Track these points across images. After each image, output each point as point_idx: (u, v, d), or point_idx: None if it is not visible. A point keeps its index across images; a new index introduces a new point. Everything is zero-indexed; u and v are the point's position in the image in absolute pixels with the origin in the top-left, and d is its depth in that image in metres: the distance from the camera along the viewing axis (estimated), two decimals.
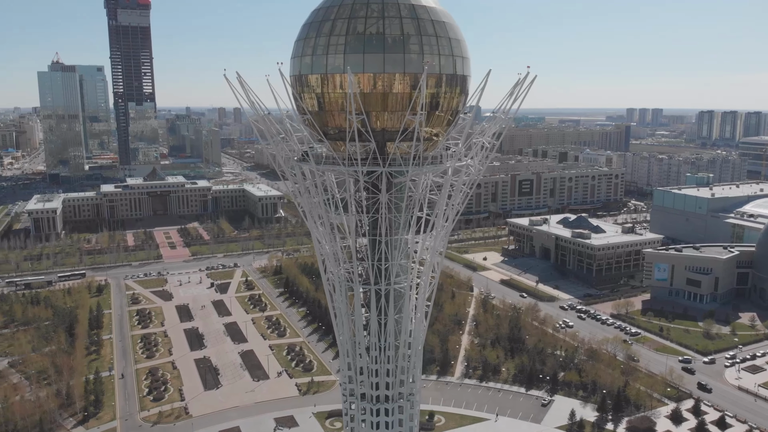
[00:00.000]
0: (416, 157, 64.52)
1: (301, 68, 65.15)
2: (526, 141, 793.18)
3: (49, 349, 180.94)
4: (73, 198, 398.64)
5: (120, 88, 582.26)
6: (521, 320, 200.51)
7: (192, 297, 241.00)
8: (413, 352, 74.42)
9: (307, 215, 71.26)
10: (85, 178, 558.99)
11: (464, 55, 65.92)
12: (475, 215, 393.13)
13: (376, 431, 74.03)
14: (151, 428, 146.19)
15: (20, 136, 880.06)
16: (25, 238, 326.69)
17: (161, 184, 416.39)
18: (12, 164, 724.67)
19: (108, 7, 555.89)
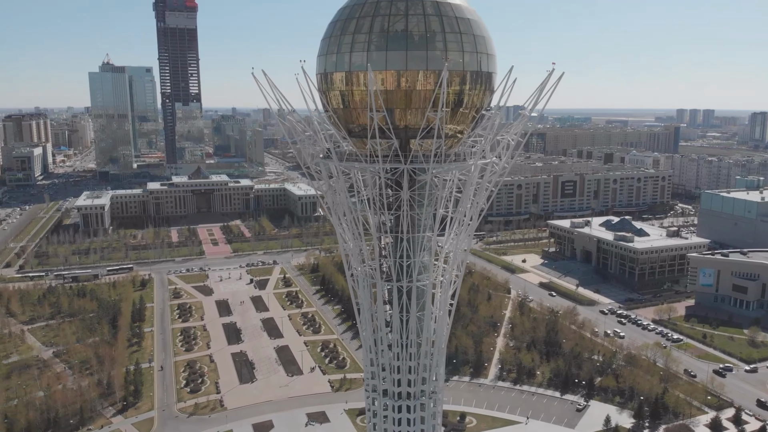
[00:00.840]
0: (438, 154, 64.32)
1: (326, 66, 65.81)
2: (570, 142, 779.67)
3: (92, 340, 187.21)
4: (120, 195, 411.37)
5: (167, 88, 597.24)
6: (559, 324, 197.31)
7: (231, 292, 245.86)
8: (436, 350, 74.25)
9: (332, 212, 71.95)
10: (133, 176, 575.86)
11: (489, 52, 65.43)
12: (515, 216, 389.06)
13: (398, 427, 74.18)
14: (187, 419, 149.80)
15: (72, 134, 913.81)
16: (74, 233, 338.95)
17: (205, 182, 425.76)
18: (64, 162, 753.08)
19: (156, 9, 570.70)
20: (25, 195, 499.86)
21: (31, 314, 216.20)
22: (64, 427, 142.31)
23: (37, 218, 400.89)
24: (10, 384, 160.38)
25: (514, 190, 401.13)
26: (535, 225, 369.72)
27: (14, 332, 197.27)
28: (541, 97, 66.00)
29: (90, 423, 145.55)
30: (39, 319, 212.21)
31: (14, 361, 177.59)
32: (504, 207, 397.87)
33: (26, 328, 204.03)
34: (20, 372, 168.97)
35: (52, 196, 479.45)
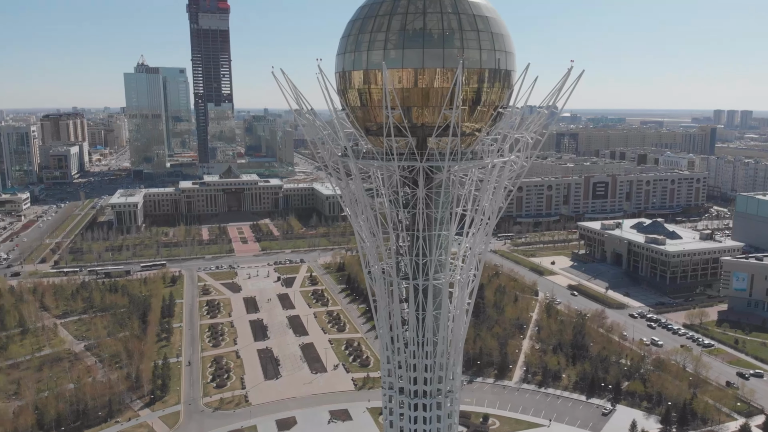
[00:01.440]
0: (454, 152, 64.14)
1: (344, 65, 66.21)
2: (603, 142, 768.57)
3: (122, 335, 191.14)
4: (153, 193, 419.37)
5: (200, 89, 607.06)
6: (586, 327, 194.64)
7: (259, 290, 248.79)
8: (453, 349, 74.01)
9: (349, 210, 72.32)
10: (167, 175, 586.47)
11: (507, 50, 65.00)
12: (545, 218, 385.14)
13: (414, 425, 74.16)
14: (212, 413, 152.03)
15: (108, 134, 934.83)
16: (108, 229, 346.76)
17: (236, 181, 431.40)
18: (100, 160, 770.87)
19: (190, 11, 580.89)
20: (62, 192, 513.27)
21: (64, 308, 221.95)
22: (93, 419, 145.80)
23: (73, 215, 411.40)
24: (41, 376, 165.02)
25: (544, 191, 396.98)
26: (565, 227, 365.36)
27: (47, 326, 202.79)
28: (560, 96, 65.10)
29: (118, 415, 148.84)
30: (72, 314, 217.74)
31: (47, 353, 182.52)
32: (533, 208, 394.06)
33: (59, 321, 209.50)
34: (52, 365, 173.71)
35: (88, 194, 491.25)
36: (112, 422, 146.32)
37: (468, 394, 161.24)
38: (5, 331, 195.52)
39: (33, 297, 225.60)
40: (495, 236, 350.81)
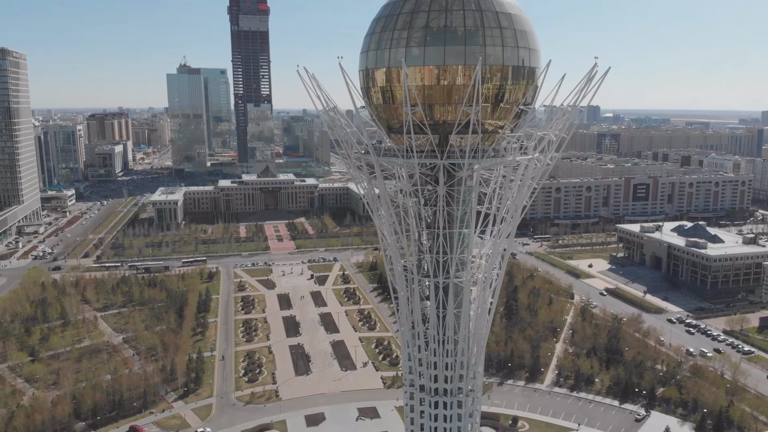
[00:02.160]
0: (475, 149, 63.90)
1: (367, 63, 66.72)
2: (646, 143, 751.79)
3: (159, 328, 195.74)
4: (193, 191, 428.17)
5: (240, 89, 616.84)
6: (622, 331, 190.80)
7: (293, 287, 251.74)
8: (474, 348, 73.64)
9: (371, 207, 72.73)
10: (207, 174, 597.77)
11: (531, 47, 64.49)
12: (583, 220, 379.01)
13: (434, 423, 74.11)
14: (243, 407, 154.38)
15: (152, 133, 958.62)
16: (149, 226, 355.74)
17: (272, 180, 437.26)
18: (143, 159, 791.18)
19: (231, 13, 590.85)
20: (106, 190, 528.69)
21: (104, 302, 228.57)
22: (128, 410, 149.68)
23: (116, 212, 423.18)
24: (80, 367, 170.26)
25: (583, 192, 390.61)
26: (604, 229, 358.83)
27: (88, 318, 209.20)
28: (582, 94, 64.20)
29: (152, 407, 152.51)
30: (112, 307, 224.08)
31: (86, 345, 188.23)
32: (572, 210, 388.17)
33: (99, 314, 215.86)
34: (91, 356, 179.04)
35: (131, 192, 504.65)
36: (147, 413, 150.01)
37: (498, 396, 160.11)
38: (47, 322, 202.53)
39: (75, 290, 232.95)
40: (531, 238, 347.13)
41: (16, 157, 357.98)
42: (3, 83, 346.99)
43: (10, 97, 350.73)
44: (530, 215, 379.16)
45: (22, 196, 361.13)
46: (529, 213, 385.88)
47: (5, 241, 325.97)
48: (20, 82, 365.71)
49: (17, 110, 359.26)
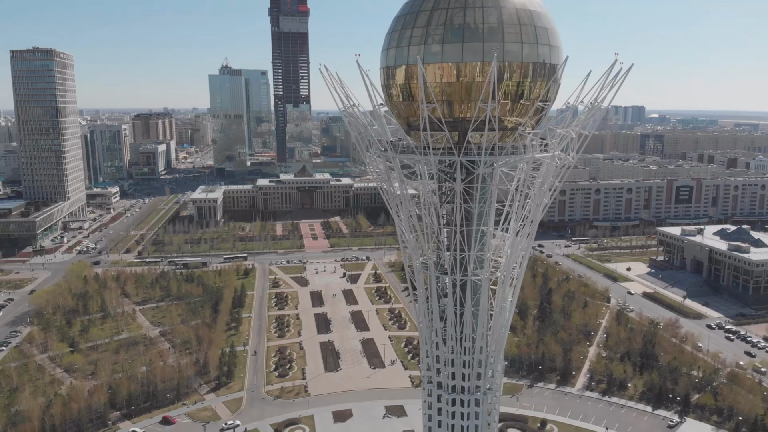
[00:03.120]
0: (492, 146, 63.67)
1: (387, 60, 67.21)
2: (691, 145, 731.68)
3: (195, 323, 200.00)
4: (232, 190, 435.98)
5: (280, 90, 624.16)
6: (658, 336, 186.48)
7: (325, 285, 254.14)
8: (493, 346, 73.30)
9: (390, 204, 73.14)
10: (247, 173, 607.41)
11: (552, 44, 63.93)
12: (623, 222, 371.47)
13: (451, 420, 74.08)
14: (273, 401, 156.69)
15: (195, 133, 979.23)
16: (189, 223, 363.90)
17: (309, 180, 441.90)
18: (186, 158, 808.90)
19: (271, 14, 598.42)
20: (149, 188, 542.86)
21: (143, 296, 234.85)
22: (162, 401, 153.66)
23: (157, 209, 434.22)
24: (118, 358, 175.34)
25: (624, 193, 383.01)
26: (645, 232, 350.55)
27: (127, 311, 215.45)
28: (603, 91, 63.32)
29: (185, 398, 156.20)
30: (150, 301, 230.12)
31: (124, 337, 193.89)
32: (612, 212, 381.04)
33: (138, 308, 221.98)
34: (128, 348, 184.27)
35: (173, 190, 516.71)
36: (179, 404, 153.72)
37: (527, 398, 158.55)
38: (88, 315, 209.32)
39: (116, 284, 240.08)
40: (569, 240, 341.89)
41: (62, 155, 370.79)
42: (50, 83, 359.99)
43: (57, 97, 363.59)
44: (569, 217, 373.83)
45: (68, 193, 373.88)
46: (567, 215, 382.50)
47: (51, 236, 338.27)
48: (67, 82, 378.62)
49: (64, 109, 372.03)
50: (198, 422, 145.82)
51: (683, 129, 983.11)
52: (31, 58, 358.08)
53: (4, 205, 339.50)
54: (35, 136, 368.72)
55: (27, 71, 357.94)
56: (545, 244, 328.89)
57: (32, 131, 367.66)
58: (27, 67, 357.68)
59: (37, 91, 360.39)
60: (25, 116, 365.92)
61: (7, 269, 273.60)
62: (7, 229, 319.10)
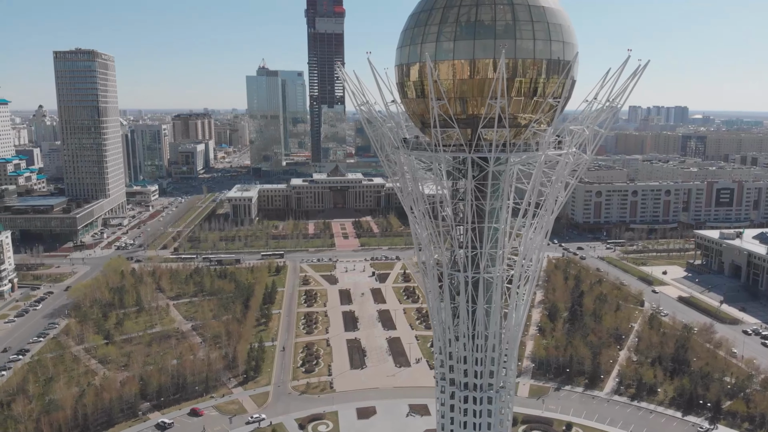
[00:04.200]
0: (502, 143, 63.67)
1: (401, 58, 67.84)
2: (734, 146, 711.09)
3: (226, 318, 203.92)
4: (267, 189, 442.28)
5: (315, 91, 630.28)
6: (691, 341, 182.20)
7: (354, 283, 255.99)
8: (506, 344, 73.14)
9: (405, 201, 73.70)
10: (282, 173, 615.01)
11: (565, 40, 63.59)
12: (661, 225, 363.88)
13: (464, 418, 74.21)
14: (298, 396, 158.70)
15: (233, 133, 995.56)
16: (224, 221, 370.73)
17: (341, 179, 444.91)
18: (224, 158, 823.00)
19: (308, 16, 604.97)
20: (187, 186, 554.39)
21: (177, 291, 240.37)
22: (191, 393, 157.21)
23: (195, 207, 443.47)
24: (150, 351, 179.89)
25: (662, 195, 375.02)
26: (683, 235, 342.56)
27: (161, 306, 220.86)
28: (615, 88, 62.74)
29: (213, 391, 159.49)
30: (184, 296, 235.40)
31: (157, 331, 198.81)
32: (649, 214, 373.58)
33: (172, 303, 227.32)
34: (161, 341, 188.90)
35: (210, 188, 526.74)
36: (208, 397, 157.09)
37: (553, 401, 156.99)
38: (123, 308, 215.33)
39: (151, 279, 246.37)
40: (604, 242, 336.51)
41: (103, 154, 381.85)
42: (92, 83, 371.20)
43: (98, 97, 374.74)
44: (605, 219, 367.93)
45: (108, 190, 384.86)
46: (603, 216, 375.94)
47: (91, 232, 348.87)
48: (108, 82, 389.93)
49: (105, 109, 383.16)
50: (225, 415, 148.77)
51: (727, 130, 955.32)
52: (74, 59, 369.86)
53: (47, 202, 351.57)
54: (77, 135, 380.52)
55: (69, 72, 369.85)
56: (579, 246, 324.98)
57: (74, 130, 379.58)
58: (70, 67, 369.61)
59: (79, 91, 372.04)
60: (68, 116, 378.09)
61: (48, 263, 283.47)
62: (49, 225, 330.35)
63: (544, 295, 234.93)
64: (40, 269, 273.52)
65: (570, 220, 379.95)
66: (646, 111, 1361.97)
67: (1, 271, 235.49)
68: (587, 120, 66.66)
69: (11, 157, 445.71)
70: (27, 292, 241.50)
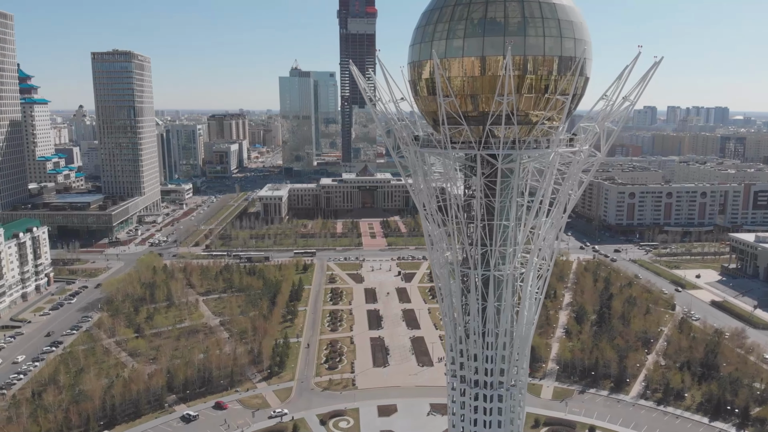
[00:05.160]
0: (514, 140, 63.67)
1: (413, 56, 68.40)
2: None
3: (252, 314, 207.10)
4: (297, 188, 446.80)
5: (346, 92, 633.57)
6: (721, 345, 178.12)
7: (379, 282, 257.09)
8: (517, 342, 72.99)
9: (417, 198, 74.19)
10: (313, 173, 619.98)
11: (577, 37, 63.26)
12: (696, 228, 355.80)
13: (474, 414, 74.33)
14: (321, 392, 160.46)
15: (267, 134, 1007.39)
16: (255, 219, 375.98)
17: (370, 179, 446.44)
18: (257, 158, 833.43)
19: (340, 17, 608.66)
20: (221, 185, 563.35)
21: (207, 287, 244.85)
22: (216, 386, 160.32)
23: (227, 206, 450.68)
24: (178, 345, 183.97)
25: (697, 197, 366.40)
26: (718, 238, 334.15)
27: (191, 301, 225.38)
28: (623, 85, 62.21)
29: (238, 385, 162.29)
30: (213, 292, 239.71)
31: (186, 325, 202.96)
32: (684, 216, 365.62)
33: (202, 298, 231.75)
34: (189, 335, 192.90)
35: (242, 187, 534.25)
36: (232, 390, 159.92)
37: (577, 404, 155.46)
38: (154, 303, 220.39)
39: (182, 275, 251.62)
40: (637, 245, 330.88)
41: (138, 153, 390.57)
42: (128, 84, 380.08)
43: (134, 97, 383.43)
44: (638, 221, 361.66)
45: (143, 188, 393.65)
46: (636, 218, 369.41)
47: (126, 229, 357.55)
48: (144, 83, 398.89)
49: (141, 109, 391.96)
50: (248, 409, 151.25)
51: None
52: (111, 60, 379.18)
53: (84, 199, 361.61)
54: (114, 135, 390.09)
55: (107, 72, 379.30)
56: (610, 248, 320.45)
57: (111, 130, 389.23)
58: (107, 68, 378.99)
59: (116, 91, 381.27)
60: (105, 115, 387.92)
61: (84, 259, 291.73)
62: (85, 222, 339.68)
63: (572, 297, 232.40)
64: (76, 264, 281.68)
65: (602, 221, 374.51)
66: (685, 111, 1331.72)
67: (38, 265, 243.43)
68: (599, 117, 66.10)
69: (51, 155, 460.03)
70: (62, 286, 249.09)
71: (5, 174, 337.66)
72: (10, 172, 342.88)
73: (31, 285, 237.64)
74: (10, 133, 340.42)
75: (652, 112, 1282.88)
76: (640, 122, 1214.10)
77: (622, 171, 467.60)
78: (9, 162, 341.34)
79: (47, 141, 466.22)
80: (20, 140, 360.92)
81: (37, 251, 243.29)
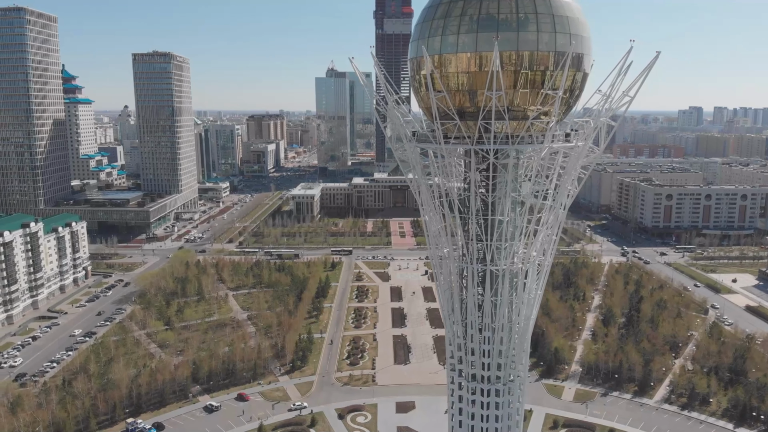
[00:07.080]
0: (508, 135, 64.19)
1: (412, 52, 69.64)
2: None
3: (279, 309, 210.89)
4: (329, 187, 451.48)
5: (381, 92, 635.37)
6: (752, 351, 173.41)
7: (406, 281, 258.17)
8: (515, 337, 73.37)
9: (417, 194, 75.26)
10: (347, 172, 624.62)
11: (573, 33, 63.26)
12: (736, 231, 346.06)
13: (472, 408, 74.98)
14: (341, 387, 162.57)
15: (304, 134, 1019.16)
16: (287, 218, 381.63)
17: (400, 179, 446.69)
18: (294, 158, 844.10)
19: (376, 17, 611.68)
20: (257, 184, 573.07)
21: (237, 282, 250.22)
22: (239, 379, 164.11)
23: (262, 204, 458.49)
24: (206, 338, 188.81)
25: (737, 200, 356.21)
26: (758, 242, 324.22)
27: (221, 296, 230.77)
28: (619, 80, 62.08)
29: (261, 378, 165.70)
30: (242, 287, 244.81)
31: (214, 319, 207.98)
32: (723, 219, 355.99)
33: (231, 293, 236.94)
34: (216, 329, 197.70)
35: (278, 186, 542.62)
36: (255, 383, 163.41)
37: (599, 406, 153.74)
38: (185, 297, 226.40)
39: (214, 271, 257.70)
40: (673, 248, 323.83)
41: (177, 152, 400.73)
42: (167, 84, 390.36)
43: (173, 97, 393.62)
44: (675, 223, 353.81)
45: (181, 186, 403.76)
46: (674, 221, 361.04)
47: (164, 225, 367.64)
48: (183, 83, 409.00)
49: (179, 109, 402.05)
50: (269, 401, 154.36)
51: None
52: (151, 61, 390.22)
53: (124, 196, 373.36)
54: (153, 134, 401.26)
55: (147, 73, 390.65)
56: (646, 251, 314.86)
57: (151, 129, 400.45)
58: (147, 69, 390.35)
59: (156, 91, 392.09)
60: (145, 115, 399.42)
61: (122, 253, 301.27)
62: (124, 218, 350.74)
63: (601, 299, 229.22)
64: (114, 259, 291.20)
65: (638, 224, 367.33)
66: (732, 112, 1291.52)
67: (76, 258, 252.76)
68: (593, 113, 66.12)
69: (94, 153, 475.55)
70: (99, 279, 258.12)
71: (49, 171, 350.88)
72: (53, 169, 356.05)
73: (69, 278, 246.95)
74: (54, 132, 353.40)
75: (697, 113, 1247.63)
76: (684, 123, 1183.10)
77: (661, 172, 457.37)
78: (53, 159, 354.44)
79: (91, 139, 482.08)
80: (64, 138, 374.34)
81: (76, 245, 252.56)
